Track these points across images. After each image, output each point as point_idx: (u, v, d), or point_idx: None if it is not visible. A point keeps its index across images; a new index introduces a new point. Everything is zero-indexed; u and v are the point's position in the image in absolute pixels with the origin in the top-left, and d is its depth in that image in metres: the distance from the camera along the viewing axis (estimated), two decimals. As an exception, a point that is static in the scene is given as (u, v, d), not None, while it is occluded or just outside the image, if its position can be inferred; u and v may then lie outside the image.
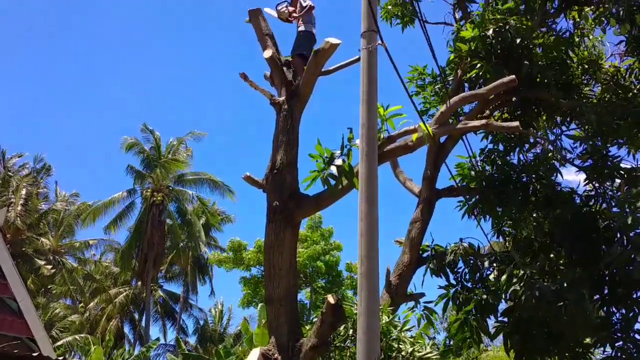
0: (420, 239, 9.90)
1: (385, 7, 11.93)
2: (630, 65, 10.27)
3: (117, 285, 32.65)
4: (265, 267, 7.71)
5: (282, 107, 8.00)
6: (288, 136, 7.87)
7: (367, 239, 5.23)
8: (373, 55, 5.82)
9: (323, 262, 29.01)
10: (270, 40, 8.45)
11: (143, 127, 31.95)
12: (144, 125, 31.96)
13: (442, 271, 9.87)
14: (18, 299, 10.15)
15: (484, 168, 10.72)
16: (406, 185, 11.16)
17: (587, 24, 10.98)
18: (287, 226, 7.52)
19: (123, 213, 31.17)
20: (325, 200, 7.87)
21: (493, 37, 9.51)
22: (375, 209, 5.36)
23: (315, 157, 7.65)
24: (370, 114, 5.76)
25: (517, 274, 9.10)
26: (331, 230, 30.07)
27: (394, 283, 9.58)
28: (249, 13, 8.53)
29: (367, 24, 5.89)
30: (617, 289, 9.23)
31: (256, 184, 7.91)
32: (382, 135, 7.83)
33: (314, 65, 7.72)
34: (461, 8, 11.23)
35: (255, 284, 29.43)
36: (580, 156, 10.30)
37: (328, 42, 7.45)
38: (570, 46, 10.21)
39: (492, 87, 8.52)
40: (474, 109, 9.92)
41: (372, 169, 5.54)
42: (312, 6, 8.46)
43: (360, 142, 5.75)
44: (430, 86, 11.61)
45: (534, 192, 10.12)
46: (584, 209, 9.86)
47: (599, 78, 10.51)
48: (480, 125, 8.73)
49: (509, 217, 10.18)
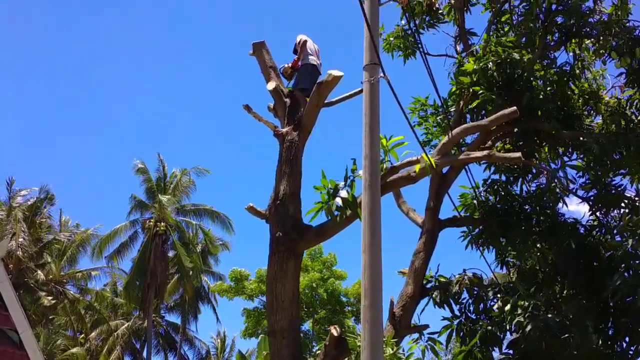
0: (423, 269, 9.87)
1: (388, 39, 12.07)
2: (631, 97, 10.35)
3: (118, 316, 32.45)
4: (268, 299, 7.67)
5: (286, 139, 8.06)
6: (291, 167, 7.91)
7: (370, 271, 5.23)
8: (375, 88, 5.90)
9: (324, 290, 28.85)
10: (273, 73, 8.58)
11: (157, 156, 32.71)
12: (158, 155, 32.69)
13: (446, 302, 9.81)
14: (19, 330, 10.09)
15: (487, 198, 10.74)
16: (409, 216, 11.16)
17: (588, 56, 11.12)
18: (290, 257, 7.51)
19: (126, 243, 31.27)
20: (329, 231, 7.88)
21: (494, 69, 9.62)
22: (378, 240, 5.36)
23: (320, 188, 7.70)
24: (373, 145, 5.82)
25: (521, 305, 9.04)
26: (334, 257, 29.99)
27: (398, 314, 9.52)
28: (253, 46, 8.67)
29: (369, 57, 5.98)
30: (621, 319, 9.16)
31: (259, 215, 7.92)
32: (385, 166, 7.88)
33: (317, 97, 7.80)
34: (462, 41, 11.38)
35: (258, 315, 29.23)
36: (583, 186, 10.32)
37: (331, 75, 7.54)
38: (571, 78, 10.32)
39: (493, 119, 8.59)
40: (476, 140, 9.97)
41: (375, 200, 5.56)
42: (305, 40, 8.64)
43: (363, 174, 5.79)
44: (433, 117, 11.69)
45: (537, 222, 10.12)
46: (587, 239, 9.84)
47: (600, 110, 10.59)
48: (483, 156, 8.78)
49: (512, 247, 10.16)
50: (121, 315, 32.77)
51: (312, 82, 8.16)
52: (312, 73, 8.50)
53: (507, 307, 9.07)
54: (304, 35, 8.69)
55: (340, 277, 29.86)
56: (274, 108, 8.67)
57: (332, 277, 29.49)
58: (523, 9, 10.54)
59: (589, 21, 10.37)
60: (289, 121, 8.25)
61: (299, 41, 8.67)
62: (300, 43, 8.63)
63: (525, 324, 8.77)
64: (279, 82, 8.59)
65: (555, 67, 10.32)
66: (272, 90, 8.48)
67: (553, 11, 10.26)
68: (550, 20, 10.35)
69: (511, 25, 10.80)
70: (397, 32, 12.00)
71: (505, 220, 10.00)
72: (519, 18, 10.72)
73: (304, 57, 8.60)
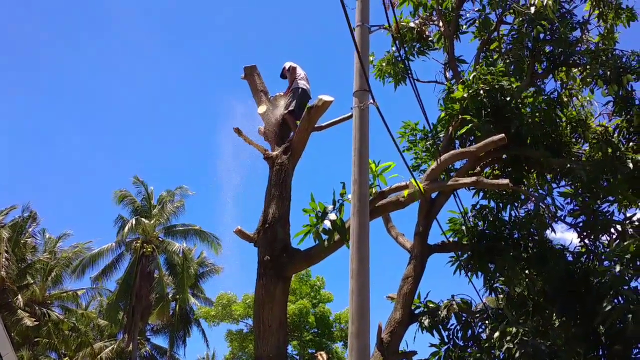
0: (412, 295, 9.81)
1: (379, 65, 12.16)
2: (618, 125, 10.46)
3: (103, 338, 31.96)
4: (255, 324, 7.59)
5: (275, 162, 8.07)
6: (280, 190, 7.90)
7: (357, 298, 5.19)
8: (365, 114, 5.93)
9: (313, 315, 28.63)
10: (264, 96, 8.63)
11: (134, 179, 32.23)
12: (135, 178, 32.25)
13: (434, 328, 9.75)
14: (2, 352, 9.92)
15: (475, 224, 10.74)
16: (398, 241, 11.14)
17: (575, 84, 11.25)
18: (278, 281, 7.46)
19: (112, 264, 30.91)
20: (317, 255, 7.85)
21: (484, 95, 9.71)
22: (366, 266, 5.34)
23: (309, 211, 7.67)
24: (362, 170, 5.82)
25: (510, 331, 9.00)
26: (321, 280, 29.81)
27: (386, 340, 9.43)
28: (244, 70, 8.73)
29: (359, 84, 6.02)
30: (612, 346, 9.12)
31: (247, 238, 7.87)
32: (374, 190, 7.89)
33: (307, 121, 7.83)
34: (452, 68, 11.48)
35: (242, 339, 28.91)
36: (571, 213, 10.36)
37: (321, 100, 7.57)
38: (559, 106, 10.43)
39: (482, 145, 8.64)
40: (465, 166, 10.01)
41: (363, 225, 5.55)
42: (293, 66, 8.80)
43: (352, 198, 5.79)
44: (422, 142, 11.74)
45: (525, 248, 10.13)
46: (576, 266, 9.85)
47: (587, 137, 10.69)
48: (471, 182, 8.81)
49: (501, 273, 10.15)
50: (106, 337, 32.28)
51: (302, 106, 8.21)
52: (302, 97, 8.56)
53: (496, 334, 9.02)
54: (292, 62, 8.85)
55: (327, 300, 29.68)
56: (264, 131, 8.70)
57: (320, 301, 29.30)
58: (512, 38, 10.68)
59: (576, 50, 10.52)
60: (279, 145, 8.27)
61: (288, 67, 8.82)
62: (289, 69, 8.77)
63: (515, 351, 8.71)
64: (270, 106, 8.63)
65: (544, 95, 10.43)
66: (262, 113, 8.51)
67: (541, 40, 10.40)
68: (539, 48, 10.49)
69: (500, 53, 10.93)
70: (387, 59, 12.10)
71: (494, 245, 10.00)
72: (507, 46, 10.85)
73: (294, 81, 8.68)
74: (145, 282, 29.78)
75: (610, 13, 10.78)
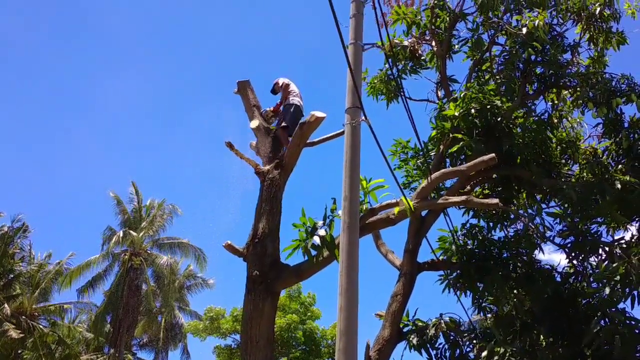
0: (401, 313, 9.79)
1: (372, 83, 12.23)
2: (607, 147, 10.55)
3: (89, 351, 31.58)
4: (242, 339, 7.55)
5: (267, 177, 8.08)
6: (271, 205, 7.90)
7: (346, 314, 5.18)
8: (356, 131, 5.96)
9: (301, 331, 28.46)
10: (257, 111, 8.67)
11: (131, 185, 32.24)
12: (132, 184, 32.24)
13: (422, 346, 9.72)
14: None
15: (465, 242, 10.76)
16: (388, 258, 11.13)
17: (566, 106, 11.36)
18: (267, 297, 7.43)
19: (99, 276, 30.67)
20: (306, 271, 7.84)
21: (475, 115, 9.78)
22: (355, 283, 5.34)
23: (299, 226, 7.67)
24: (353, 187, 5.84)
25: (497, 351, 8.99)
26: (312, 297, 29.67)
27: (374, 358, 9.39)
28: (237, 84, 8.77)
29: (351, 101, 6.06)
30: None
31: (237, 253, 7.86)
32: (364, 207, 7.91)
33: (299, 137, 7.87)
34: (444, 87, 11.57)
35: (230, 354, 28.66)
36: (560, 234, 10.40)
37: (313, 116, 7.62)
38: (549, 127, 10.52)
39: (472, 165, 8.69)
40: (455, 185, 10.05)
41: (353, 242, 5.56)
42: (286, 83, 8.86)
43: (342, 215, 5.80)
44: (413, 160, 11.79)
45: (514, 268, 10.15)
46: (564, 287, 9.88)
47: (577, 158, 10.77)
48: (461, 201, 8.84)
49: (489, 292, 10.15)
50: (92, 350, 31.89)
51: (294, 122, 8.25)
52: (295, 113, 8.60)
53: (484, 354, 9.01)
54: (285, 78, 8.90)
55: (317, 317, 29.52)
56: (256, 146, 8.72)
57: (310, 318, 29.15)
58: (503, 59, 10.80)
59: (567, 72, 10.64)
60: (271, 160, 8.28)
61: (281, 84, 8.87)
62: (282, 85, 8.82)
63: (502, 372, 8.70)
64: (262, 121, 8.67)
65: (534, 116, 10.52)
66: (254, 128, 8.54)
67: (532, 61, 10.51)
68: (530, 70, 10.60)
69: (491, 73, 11.04)
70: (380, 76, 12.18)
71: (483, 265, 10.01)
72: (499, 67, 10.96)
73: (287, 97, 8.72)
74: (132, 295, 29.55)
75: (600, 37, 10.92)
